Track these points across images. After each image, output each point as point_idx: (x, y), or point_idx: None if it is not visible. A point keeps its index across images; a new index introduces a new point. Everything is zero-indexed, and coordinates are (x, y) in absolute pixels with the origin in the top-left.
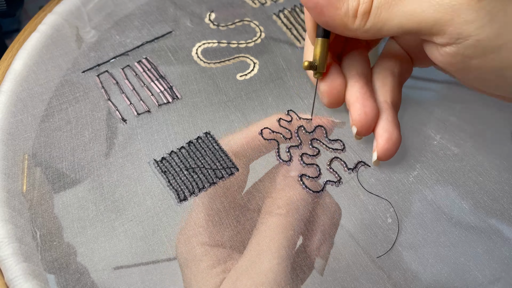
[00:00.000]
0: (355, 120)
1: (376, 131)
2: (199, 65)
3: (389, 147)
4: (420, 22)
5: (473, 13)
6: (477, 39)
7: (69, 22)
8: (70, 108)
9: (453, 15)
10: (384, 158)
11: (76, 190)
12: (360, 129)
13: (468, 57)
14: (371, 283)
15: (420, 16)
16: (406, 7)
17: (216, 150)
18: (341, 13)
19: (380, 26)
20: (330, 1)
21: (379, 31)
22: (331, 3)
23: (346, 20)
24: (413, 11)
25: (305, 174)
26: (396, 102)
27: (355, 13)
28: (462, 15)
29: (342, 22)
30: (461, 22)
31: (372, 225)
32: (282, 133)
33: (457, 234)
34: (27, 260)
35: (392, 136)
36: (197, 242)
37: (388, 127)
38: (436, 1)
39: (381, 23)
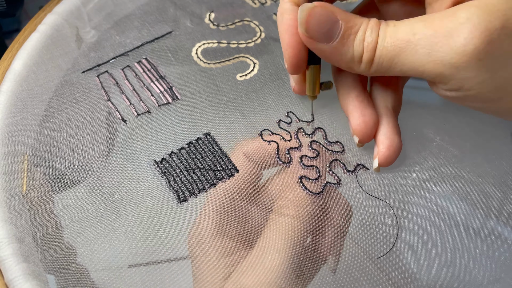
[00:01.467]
0: (355, 130)
1: (377, 137)
2: (199, 66)
3: (390, 154)
4: (422, 74)
5: (474, 70)
6: (477, 91)
7: (69, 22)
8: (70, 109)
9: (453, 71)
10: (385, 165)
11: (76, 190)
12: (361, 138)
13: (470, 101)
14: (371, 284)
15: (421, 68)
16: (407, 60)
17: (216, 151)
18: (346, 59)
19: (384, 71)
20: (336, 48)
21: (383, 74)
22: (337, 49)
23: (352, 64)
24: (413, 62)
25: (304, 176)
26: (396, 106)
27: (360, 60)
28: (462, 72)
29: (348, 66)
30: (461, 78)
31: (372, 227)
32: (282, 134)
33: (456, 235)
34: (27, 260)
35: (393, 143)
36: (207, 233)
37: (389, 134)
38: (436, 57)
39: (385, 69)
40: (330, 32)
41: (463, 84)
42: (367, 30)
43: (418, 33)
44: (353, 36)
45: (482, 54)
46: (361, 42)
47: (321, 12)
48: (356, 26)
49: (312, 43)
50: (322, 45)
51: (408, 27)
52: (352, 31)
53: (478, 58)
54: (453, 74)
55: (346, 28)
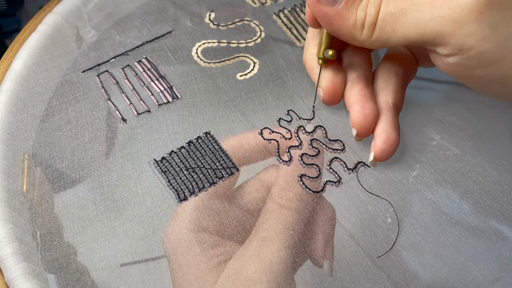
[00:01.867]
0: (354, 122)
1: (375, 131)
2: (199, 65)
3: (385, 148)
4: (424, 34)
5: (475, 25)
6: (479, 50)
7: (69, 22)
8: (70, 108)
9: (454, 27)
10: (381, 159)
11: (76, 190)
12: (359, 131)
13: (471, 67)
14: (371, 283)
15: (423, 28)
16: (409, 20)
17: (216, 150)
18: (349, 24)
19: (386, 37)
20: (339, 12)
21: (385, 42)
22: (340, 14)
23: (354, 31)
24: (416, 23)
25: (305, 174)
26: (397, 103)
27: (362, 25)
28: (464, 27)
29: (350, 32)
30: (463, 34)
31: (372, 225)
32: (282, 133)
33: (457, 234)
34: (27, 259)
35: (390, 138)
36: (186, 229)
37: (387, 128)
38: (438, 13)
39: (386, 34)
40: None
41: (464, 43)
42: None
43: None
44: (357, 3)
45: (482, 7)
46: (364, 9)
47: None
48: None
49: (317, 5)
50: (326, 8)
51: None
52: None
53: (479, 11)
54: (455, 31)
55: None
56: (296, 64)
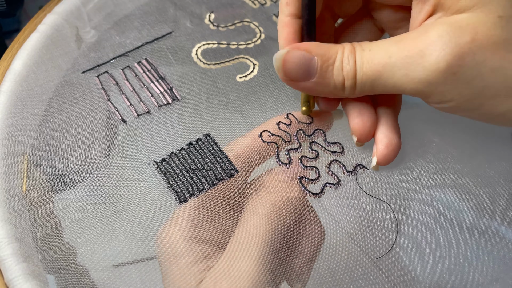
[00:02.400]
0: (353, 129)
1: (376, 136)
2: (199, 66)
3: (388, 152)
4: (404, 91)
5: (450, 84)
6: (457, 102)
7: (69, 22)
8: (70, 109)
9: (431, 88)
10: (384, 163)
11: (76, 190)
12: (359, 138)
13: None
14: (370, 284)
15: (402, 87)
16: (387, 82)
17: (216, 152)
18: (330, 89)
19: (368, 92)
20: (317, 82)
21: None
22: (318, 84)
23: (336, 92)
24: (394, 84)
25: (304, 177)
26: (396, 106)
27: (343, 87)
28: (440, 88)
29: (333, 94)
30: (440, 92)
31: (371, 227)
32: (282, 136)
33: (456, 235)
34: (26, 260)
35: (392, 142)
36: (182, 236)
37: (388, 133)
38: (413, 76)
39: (368, 91)
40: (308, 70)
41: (443, 97)
42: (343, 59)
43: (393, 56)
44: (331, 67)
45: (455, 68)
46: (340, 71)
47: (295, 55)
48: (332, 58)
49: (294, 84)
50: (304, 84)
51: (383, 50)
52: (329, 63)
53: (452, 72)
54: (432, 90)
55: (323, 62)
56: None
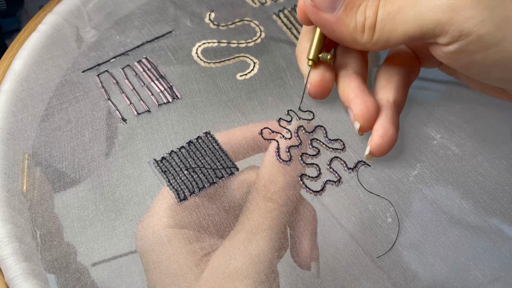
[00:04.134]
0: (357, 114)
1: (374, 127)
2: (199, 65)
3: (382, 143)
4: (423, 26)
5: (472, 9)
6: (478, 34)
7: (69, 22)
8: (70, 108)
9: (452, 14)
10: (377, 154)
11: (76, 189)
12: (362, 123)
13: (472, 52)
14: (371, 282)
15: (421, 20)
16: (407, 15)
17: (216, 150)
18: (349, 29)
19: (386, 37)
20: (339, 17)
21: (386, 42)
22: (340, 19)
23: (355, 34)
24: (414, 16)
25: (305, 174)
26: (399, 102)
27: (363, 28)
28: (461, 13)
29: (351, 36)
30: (461, 20)
31: (372, 225)
32: (282, 133)
33: (457, 233)
34: (27, 259)
35: (387, 133)
36: (162, 225)
37: (385, 124)
38: (434, 3)
39: (387, 34)
40: (334, 2)
41: (463, 28)
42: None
43: None
44: (356, 8)
45: None
46: (363, 13)
47: None
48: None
49: (316, 12)
50: (326, 15)
51: None
52: (355, 4)
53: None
54: (452, 18)
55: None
56: (296, 64)
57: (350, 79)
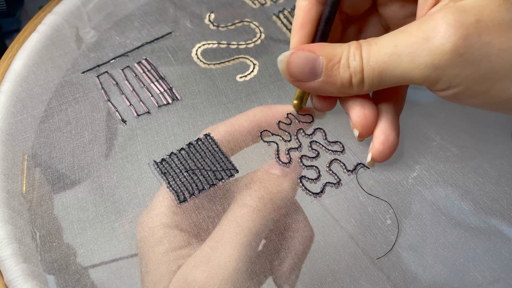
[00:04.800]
0: (355, 122)
1: (374, 132)
2: (199, 66)
3: (384, 149)
4: (411, 80)
5: (457, 67)
6: (466, 87)
7: (69, 22)
8: (69, 109)
9: (437, 72)
10: (379, 160)
11: (76, 191)
12: (361, 131)
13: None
14: (371, 284)
15: (409, 75)
16: (394, 71)
17: (216, 152)
18: (337, 87)
19: (378, 87)
20: (324, 81)
21: (378, 88)
22: (325, 83)
23: (344, 90)
24: (401, 73)
25: (304, 176)
26: (398, 104)
27: (350, 84)
28: (447, 71)
29: (342, 92)
30: (447, 76)
31: (372, 227)
32: (282, 135)
33: (457, 235)
34: (26, 261)
35: (389, 139)
36: (159, 223)
37: (386, 129)
38: (419, 61)
39: (377, 85)
40: (313, 70)
41: (450, 82)
42: (349, 56)
43: (399, 44)
44: (337, 65)
45: (461, 49)
46: (346, 68)
47: (299, 56)
48: (338, 56)
49: (300, 84)
50: (310, 84)
51: (389, 40)
52: (335, 62)
53: (459, 54)
54: (439, 75)
55: (328, 61)
56: None
57: None
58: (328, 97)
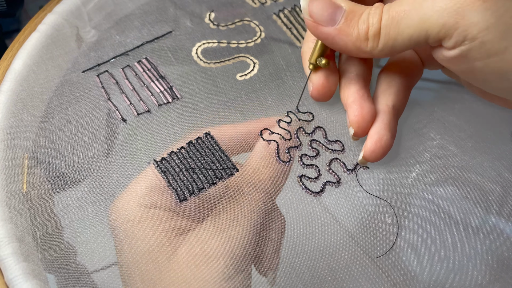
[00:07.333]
0: (352, 121)
1: (369, 132)
2: (199, 65)
3: (376, 149)
4: (428, 29)
5: (478, 14)
6: (482, 41)
7: (69, 22)
8: (70, 108)
9: (457, 18)
10: (371, 159)
11: (76, 190)
12: (356, 130)
13: (473, 59)
14: (371, 283)
15: (426, 24)
16: (412, 19)
17: (216, 150)
18: (353, 39)
19: (392, 43)
20: (340, 29)
21: (392, 48)
22: (342, 30)
23: (359, 44)
24: (419, 20)
25: (304, 175)
26: (398, 106)
27: (366, 36)
28: (467, 17)
29: (355, 46)
30: (466, 25)
31: (372, 226)
32: (282, 134)
33: (456, 234)
34: (27, 259)
35: (382, 139)
36: (137, 204)
37: (380, 130)
38: (439, 6)
39: (392, 40)
40: (333, 15)
41: (467, 33)
42: (371, 12)
43: None
44: (357, 18)
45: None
46: (365, 21)
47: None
48: (360, 11)
49: (316, 27)
50: (327, 29)
51: None
52: (356, 14)
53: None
54: (457, 22)
55: (350, 11)
56: (296, 64)
57: (351, 83)
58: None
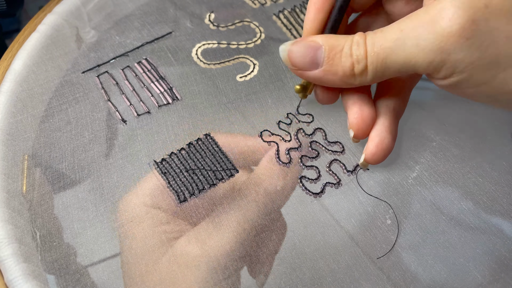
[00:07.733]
0: (351, 123)
1: (370, 134)
2: (199, 66)
3: (377, 152)
4: (415, 66)
5: (463, 51)
6: (469, 74)
7: (69, 22)
8: (70, 109)
9: (443, 56)
10: (372, 162)
11: (76, 190)
12: (356, 133)
13: (464, 87)
14: (371, 284)
15: (412, 62)
16: (398, 56)
17: (216, 151)
18: (339, 76)
19: (381, 75)
20: (326, 70)
21: (382, 78)
22: (327, 71)
23: (346, 79)
24: (405, 59)
25: (304, 176)
26: (398, 108)
27: (352, 73)
28: (452, 55)
29: (344, 82)
30: (452, 61)
31: (372, 227)
32: (282, 135)
33: (456, 235)
34: (27, 260)
35: (383, 142)
36: (142, 203)
37: (381, 132)
38: (424, 44)
39: (380, 73)
40: (315, 59)
41: (455, 68)
42: (353, 45)
43: (405, 28)
44: (339, 54)
45: (468, 33)
46: (348, 57)
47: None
48: (340, 45)
49: (302, 73)
50: (312, 73)
51: (395, 26)
52: (337, 51)
53: (466, 37)
54: (444, 59)
55: (330, 49)
56: None
57: None
58: (331, 90)
